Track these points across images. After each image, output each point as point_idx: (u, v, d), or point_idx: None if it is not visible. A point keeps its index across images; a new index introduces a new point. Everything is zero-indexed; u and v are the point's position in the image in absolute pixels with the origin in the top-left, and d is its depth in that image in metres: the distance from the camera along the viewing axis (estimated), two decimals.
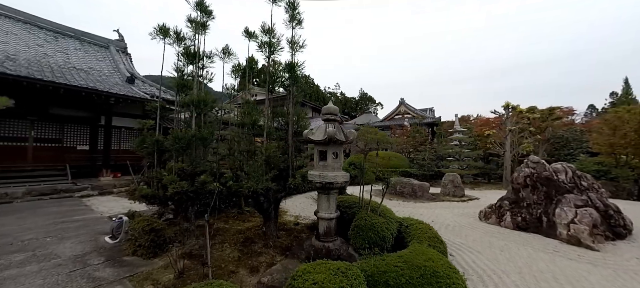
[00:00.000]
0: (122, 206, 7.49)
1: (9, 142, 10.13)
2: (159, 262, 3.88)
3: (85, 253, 4.14)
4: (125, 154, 12.59)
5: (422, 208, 8.31)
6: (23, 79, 8.79)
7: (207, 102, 4.02)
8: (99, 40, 17.52)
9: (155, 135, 4.16)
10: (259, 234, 4.73)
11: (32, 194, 8.55)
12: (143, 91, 13.10)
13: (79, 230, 5.27)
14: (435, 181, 14.19)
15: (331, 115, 3.98)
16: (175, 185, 3.52)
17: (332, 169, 3.85)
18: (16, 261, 3.86)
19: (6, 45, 11.93)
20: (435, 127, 24.40)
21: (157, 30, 4.55)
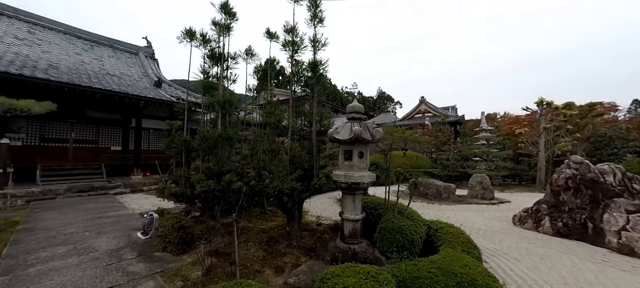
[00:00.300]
0: (152, 204, 7.85)
1: (52, 143, 11.01)
2: (187, 259, 3.98)
3: (119, 248, 4.35)
4: (153, 154, 13.26)
5: (448, 211, 7.94)
6: (64, 85, 9.50)
7: (232, 102, 4.07)
8: (129, 47, 18.61)
9: (183, 135, 4.28)
10: (282, 234, 4.71)
11: (72, 191, 9.21)
12: (169, 94, 13.73)
13: (114, 226, 5.57)
14: (460, 182, 13.54)
15: (356, 113, 3.87)
16: (202, 183, 3.59)
17: (357, 169, 3.74)
18: (59, 253, 4.13)
19: (49, 54, 12.98)
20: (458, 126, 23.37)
21: (184, 34, 4.69)
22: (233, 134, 3.96)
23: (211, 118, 4.88)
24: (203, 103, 4.49)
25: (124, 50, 18.04)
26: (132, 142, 12.99)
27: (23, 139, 10.18)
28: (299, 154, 3.51)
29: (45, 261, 3.85)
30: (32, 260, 3.88)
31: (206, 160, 4.10)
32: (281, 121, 4.02)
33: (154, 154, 13.16)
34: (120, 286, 3.23)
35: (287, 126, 4.35)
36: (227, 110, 4.10)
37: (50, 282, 3.27)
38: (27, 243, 4.50)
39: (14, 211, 6.91)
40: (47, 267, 3.68)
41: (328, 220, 6.35)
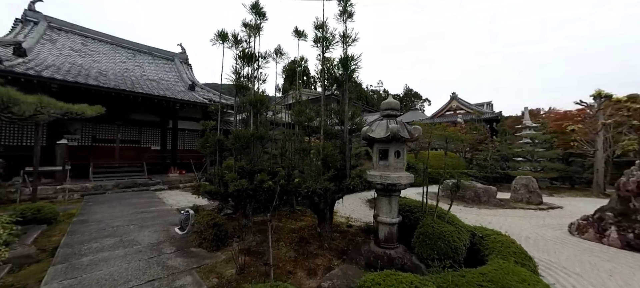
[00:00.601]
0: (187, 200, 8.25)
1: (102, 143, 12.11)
2: (221, 256, 4.05)
3: (159, 242, 4.56)
4: (188, 153, 14.03)
5: (489, 216, 7.29)
6: (112, 90, 10.39)
7: (264, 102, 4.06)
8: (166, 54, 19.91)
9: (217, 135, 4.38)
10: (313, 234, 4.62)
11: (119, 187, 10.03)
12: (202, 96, 14.44)
13: (154, 220, 5.90)
14: (500, 184, 12.47)
15: (392, 110, 3.64)
16: (236, 182, 3.61)
17: (394, 169, 3.50)
18: (107, 245, 4.43)
19: (99, 63, 14.32)
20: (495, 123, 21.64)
21: (216, 36, 4.80)
22: (265, 133, 3.95)
23: (243, 117, 4.94)
24: (235, 103, 4.55)
25: (161, 57, 19.36)
26: (169, 142, 13.85)
27: (78, 140, 11.31)
28: (332, 153, 3.38)
29: (96, 251, 4.15)
30: (85, 250, 4.21)
31: (239, 159, 4.14)
32: (312, 120, 3.92)
33: (189, 154, 13.93)
34: (160, 279, 3.35)
35: (318, 124, 4.24)
36: (259, 109, 4.10)
37: (100, 272, 3.50)
38: (81, 234, 4.92)
39: (71, 204, 7.66)
40: (97, 257, 3.96)
41: (358, 221, 6.14)
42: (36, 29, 13.69)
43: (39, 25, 14.12)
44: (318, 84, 48.07)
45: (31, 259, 3.82)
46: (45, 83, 8.85)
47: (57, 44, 13.97)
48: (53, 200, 8.15)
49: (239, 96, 4.42)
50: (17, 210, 5.31)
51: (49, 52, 12.78)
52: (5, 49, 10.32)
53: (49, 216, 5.55)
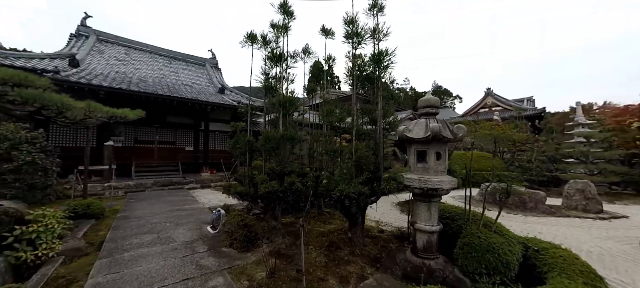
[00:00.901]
0: (218, 199, 8.52)
1: (142, 144, 13.04)
2: (251, 257, 4.03)
3: (193, 240, 4.69)
4: (218, 153, 14.60)
5: (537, 224, 6.55)
6: (151, 95, 11.13)
7: (293, 102, 3.98)
8: (198, 60, 20.97)
9: (246, 136, 4.39)
10: (343, 239, 4.44)
11: (157, 185, 10.69)
12: (231, 99, 14.95)
13: (188, 218, 6.13)
14: (547, 189, 11.25)
15: (431, 108, 3.34)
16: (266, 184, 3.56)
17: (434, 172, 3.21)
18: (146, 241, 4.65)
19: (139, 70, 15.44)
20: (538, 121, 19.70)
21: (245, 38, 4.83)
22: (295, 134, 3.87)
23: (271, 118, 4.91)
24: (265, 104, 4.53)
25: (193, 63, 20.44)
26: (201, 143, 14.52)
27: (122, 141, 12.28)
28: (365, 155, 3.18)
29: (136, 247, 4.36)
30: (126, 245, 4.45)
31: (268, 160, 4.10)
32: (343, 120, 3.75)
33: (219, 154, 14.49)
34: (194, 279, 3.39)
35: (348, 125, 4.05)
36: (288, 110, 4.03)
37: (139, 268, 3.65)
38: (123, 230, 5.23)
39: (116, 200, 8.28)
40: (137, 253, 4.15)
41: (389, 226, 5.84)
42: (87, 42, 15.14)
43: (90, 38, 15.60)
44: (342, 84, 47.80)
45: (81, 252, 4.12)
46: (95, 90, 9.72)
47: (104, 55, 15.33)
48: (101, 196, 8.88)
49: (268, 97, 4.39)
50: (70, 205, 5.82)
51: (98, 62, 14.06)
52: (62, 61, 11.52)
53: (96, 212, 6.01)
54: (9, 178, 5.56)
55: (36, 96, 3.57)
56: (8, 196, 5.50)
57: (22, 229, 3.61)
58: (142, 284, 3.25)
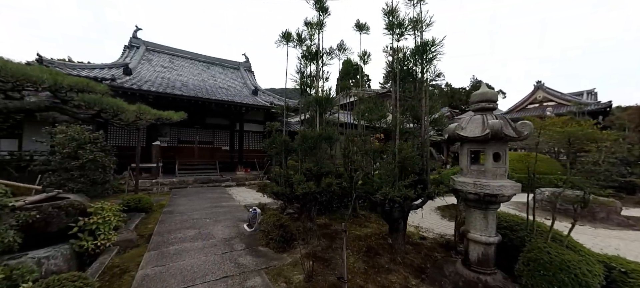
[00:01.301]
0: (253, 197, 8.73)
1: (184, 144, 13.99)
2: (287, 258, 3.97)
3: (231, 238, 4.79)
4: (252, 153, 15.12)
5: (613, 239, 5.58)
6: (192, 98, 11.90)
7: (330, 100, 3.84)
8: (233, 64, 21.98)
9: (282, 136, 4.36)
10: (382, 245, 4.18)
11: (197, 182, 11.35)
12: (264, 100, 15.38)
13: (226, 215, 6.33)
14: (619, 196, 9.64)
15: (488, 102, 2.95)
16: (303, 185, 3.47)
17: (492, 176, 2.82)
18: (189, 236, 4.86)
19: (182, 76, 16.60)
20: (602, 116, 17.10)
21: (281, 37, 4.81)
22: (332, 133, 3.72)
23: (306, 117, 4.83)
24: (300, 103, 4.46)
25: (229, 67, 21.47)
26: (236, 143, 15.14)
27: (167, 141, 13.30)
28: (411, 155, 2.91)
29: (180, 241, 4.57)
30: (171, 239, 4.69)
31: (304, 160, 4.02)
32: (384, 118, 3.50)
33: (253, 153, 14.99)
34: (233, 277, 3.42)
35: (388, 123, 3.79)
36: (324, 108, 3.90)
37: (183, 262, 3.79)
38: (168, 224, 5.56)
39: (162, 196, 8.93)
40: (181, 247, 4.34)
41: (430, 232, 5.42)
42: (138, 52, 16.68)
43: (140, 49, 17.17)
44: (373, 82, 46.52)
45: (132, 243, 4.42)
46: (144, 95, 10.62)
47: (152, 63, 16.77)
48: (149, 191, 9.66)
49: (303, 96, 4.32)
50: (124, 200, 6.38)
51: (147, 70, 15.41)
52: (118, 70, 12.81)
53: (146, 207, 6.50)
54: (75, 174, 6.26)
55: (96, 100, 3.91)
56: (74, 189, 6.20)
57: (85, 220, 3.97)
58: (186, 279, 3.36)
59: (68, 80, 3.80)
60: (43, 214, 3.65)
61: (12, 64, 3.07)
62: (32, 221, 3.54)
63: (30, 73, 3.19)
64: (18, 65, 3.16)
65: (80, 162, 6.25)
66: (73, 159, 6.25)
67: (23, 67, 3.18)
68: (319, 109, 3.93)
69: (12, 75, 3.00)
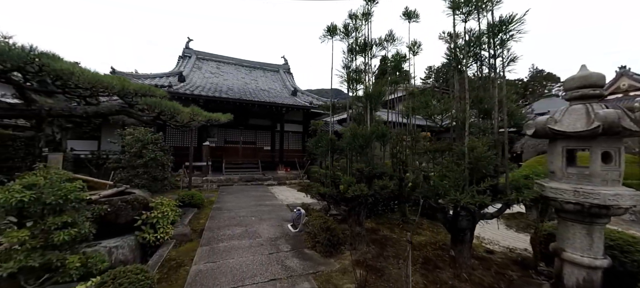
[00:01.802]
0: (294, 197, 8.77)
1: (230, 144, 14.82)
2: (335, 264, 3.75)
3: (276, 238, 4.76)
4: (292, 152, 15.37)
5: None
6: (237, 100, 12.54)
7: (382, 94, 3.51)
8: (273, 67, 22.74)
9: (329, 135, 4.16)
10: (440, 256, 3.71)
11: (241, 180, 11.88)
12: (303, 100, 15.52)
13: (270, 214, 6.40)
14: None
15: (593, 88, 2.33)
16: (354, 187, 3.21)
17: (601, 181, 2.20)
18: (236, 234, 4.96)
19: (227, 80, 17.64)
20: None
21: (325, 32, 4.62)
22: (386, 131, 3.40)
23: (352, 115, 4.56)
24: (348, 100, 4.22)
25: (269, 70, 22.27)
26: (277, 143, 15.55)
27: (215, 142, 14.22)
28: (485, 156, 2.43)
29: (228, 238, 4.68)
30: (221, 235, 4.84)
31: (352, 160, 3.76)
32: (447, 111, 3.04)
33: (293, 153, 15.23)
34: (281, 281, 3.31)
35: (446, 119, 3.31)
36: (375, 103, 3.59)
37: (232, 261, 3.83)
38: (218, 220, 5.79)
39: (211, 192, 9.50)
40: (229, 244, 4.43)
41: (495, 245, 4.70)
42: (190, 61, 18.22)
43: (192, 58, 18.74)
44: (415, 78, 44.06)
45: (187, 238, 4.66)
46: (196, 99, 11.49)
47: (202, 70, 18.17)
48: (200, 187, 10.38)
49: (351, 91, 4.06)
50: (180, 195, 6.88)
51: (197, 76, 16.73)
52: (173, 77, 14.12)
53: (198, 202, 6.92)
54: (140, 171, 6.96)
55: (156, 102, 4.21)
56: (139, 185, 6.88)
57: (147, 214, 4.29)
58: (235, 278, 3.35)
59: (133, 86, 4.15)
60: (113, 207, 4.02)
61: (89, 72, 3.43)
62: (105, 214, 3.92)
63: (103, 79, 3.54)
64: (94, 73, 3.53)
65: (143, 160, 6.93)
66: (138, 157, 6.96)
67: (98, 75, 3.54)
68: (369, 104, 3.63)
69: (89, 82, 3.33)
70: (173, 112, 4.70)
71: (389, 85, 4.80)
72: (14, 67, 3.24)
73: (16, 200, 2.32)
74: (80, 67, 3.39)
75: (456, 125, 3.10)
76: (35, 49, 2.97)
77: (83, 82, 3.32)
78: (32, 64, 3.07)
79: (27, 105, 3.64)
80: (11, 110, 3.48)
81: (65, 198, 2.60)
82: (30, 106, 3.65)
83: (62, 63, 3.06)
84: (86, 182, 6.47)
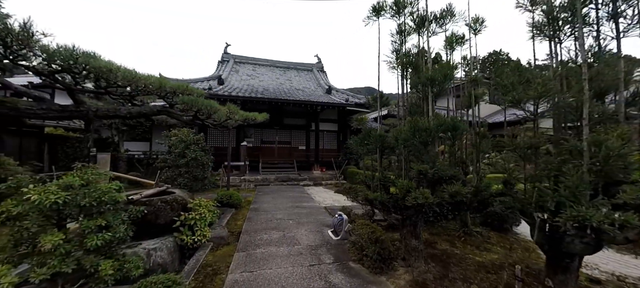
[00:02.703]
0: (332, 199, 8.29)
1: (266, 144, 14.94)
2: (387, 283, 3.14)
3: (317, 246, 4.30)
4: (327, 152, 14.97)
5: None
6: (272, 100, 12.53)
7: (450, 76, 2.81)
8: (306, 66, 22.63)
9: (378, 131, 3.56)
10: (530, 285, 2.86)
11: (277, 180, 11.79)
12: (338, 97, 14.99)
13: (308, 217, 5.99)
14: None
15: None
16: (414, 193, 2.58)
17: None
18: (274, 239, 4.62)
19: (263, 81, 17.91)
20: None
21: (370, 12, 4.02)
22: (459, 122, 2.70)
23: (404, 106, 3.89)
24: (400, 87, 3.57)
25: (303, 69, 22.19)
26: (312, 142, 15.26)
27: (252, 142, 14.45)
28: (621, 154, 1.62)
29: (266, 244, 4.35)
30: (258, 240, 4.54)
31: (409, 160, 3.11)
32: (548, 94, 2.22)
33: (328, 153, 14.81)
34: None
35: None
36: (441, 88, 2.90)
37: (270, 271, 3.45)
38: (255, 222, 5.55)
39: (248, 192, 9.49)
40: (267, 251, 4.08)
41: (593, 269, 3.63)
42: (228, 65, 18.91)
43: (230, 62, 19.45)
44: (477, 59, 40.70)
45: (224, 241, 4.45)
46: (234, 100, 11.69)
47: (239, 73, 18.74)
48: (238, 187, 10.49)
49: (410, 76, 3.41)
50: (218, 195, 6.88)
51: (235, 79, 17.25)
52: (213, 81, 14.69)
53: (236, 202, 6.83)
54: (182, 171, 7.13)
55: (193, 100, 4.09)
56: (181, 184, 7.04)
57: (185, 215, 4.16)
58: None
59: (170, 84, 4.09)
60: (153, 207, 3.93)
61: (126, 69, 3.36)
62: (145, 214, 3.86)
63: (141, 77, 3.46)
64: (131, 71, 3.45)
65: (185, 160, 7.08)
66: (181, 157, 7.13)
67: (135, 72, 3.46)
68: (431, 91, 2.95)
69: (127, 79, 3.25)
70: (209, 110, 4.56)
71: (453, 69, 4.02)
72: (64, 69, 3.30)
73: (51, 202, 2.19)
74: (117, 65, 3.34)
75: (560, 112, 2.27)
76: (78, 48, 2.97)
77: (122, 80, 3.26)
78: (76, 64, 3.08)
79: (77, 107, 3.73)
80: (62, 112, 3.58)
81: (99, 199, 2.45)
82: (79, 107, 3.74)
83: (100, 61, 3.03)
84: (136, 181, 6.78)
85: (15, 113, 3.26)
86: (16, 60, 2.98)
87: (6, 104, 3.21)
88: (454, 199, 2.56)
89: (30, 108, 3.39)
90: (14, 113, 3.25)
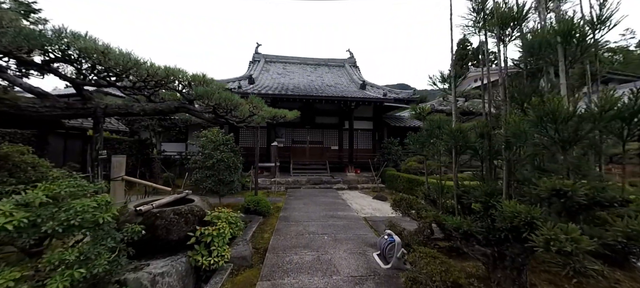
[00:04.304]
0: (371, 207, 7.21)
1: (297, 144, 14.30)
2: None
3: (361, 276, 3.31)
4: (362, 152, 13.81)
5: None
6: (303, 96, 11.83)
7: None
8: (338, 62, 21.64)
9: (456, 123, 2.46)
10: None
11: (309, 182, 11.01)
12: (374, 93, 13.75)
13: (346, 232, 5.02)
14: None
15: None
16: (549, 230, 1.44)
17: None
18: (306, 262, 3.73)
19: (293, 79, 17.37)
20: None
21: None
22: None
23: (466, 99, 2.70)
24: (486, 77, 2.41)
25: (334, 65, 21.25)
26: (345, 142, 14.23)
27: (283, 142, 13.91)
28: None
29: (296, 271, 3.48)
30: (286, 263, 3.69)
31: (513, 168, 1.96)
32: None
33: (363, 153, 13.65)
34: None
35: None
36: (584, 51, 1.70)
37: None
38: (284, 237, 4.74)
39: (278, 196, 8.83)
40: (298, 281, 3.21)
41: None
42: (259, 65, 18.77)
43: (260, 61, 19.32)
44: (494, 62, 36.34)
45: (246, 262, 3.68)
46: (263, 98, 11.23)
47: (270, 72, 18.49)
48: (268, 189, 9.92)
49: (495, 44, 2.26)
50: (246, 201, 6.27)
51: (266, 78, 16.97)
52: (244, 81, 14.49)
53: (263, 210, 6.13)
54: (208, 173, 6.68)
55: (209, 92, 3.40)
56: (207, 188, 6.58)
57: (201, 230, 3.48)
58: None
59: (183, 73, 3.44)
60: (164, 220, 3.32)
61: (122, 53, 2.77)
62: (156, 228, 3.26)
63: (140, 63, 2.85)
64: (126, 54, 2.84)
65: (211, 162, 6.61)
66: (210, 158, 6.69)
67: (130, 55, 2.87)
68: (565, 51, 1.75)
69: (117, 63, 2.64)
70: (229, 104, 3.86)
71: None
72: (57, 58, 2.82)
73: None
74: (112, 47, 2.77)
75: None
76: (66, 28, 2.45)
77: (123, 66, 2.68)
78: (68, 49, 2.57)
79: (83, 103, 3.28)
80: (67, 109, 3.14)
81: (68, 224, 1.78)
82: (85, 104, 3.28)
83: (87, 41, 2.47)
84: (154, 187, 6.44)
85: (16, 110, 2.84)
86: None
87: (5, 101, 2.79)
88: (631, 241, 1.39)
89: (32, 106, 2.97)
90: (14, 110, 2.83)
